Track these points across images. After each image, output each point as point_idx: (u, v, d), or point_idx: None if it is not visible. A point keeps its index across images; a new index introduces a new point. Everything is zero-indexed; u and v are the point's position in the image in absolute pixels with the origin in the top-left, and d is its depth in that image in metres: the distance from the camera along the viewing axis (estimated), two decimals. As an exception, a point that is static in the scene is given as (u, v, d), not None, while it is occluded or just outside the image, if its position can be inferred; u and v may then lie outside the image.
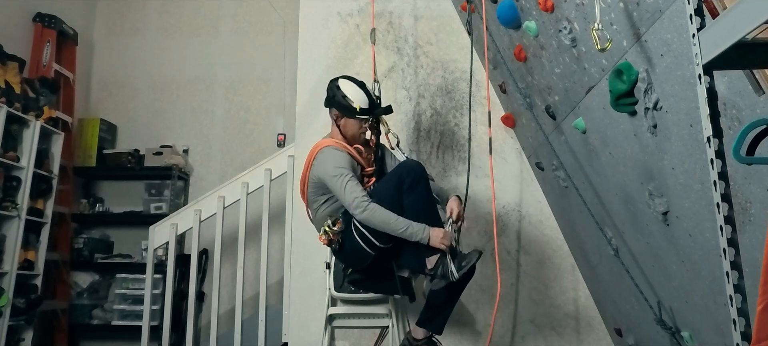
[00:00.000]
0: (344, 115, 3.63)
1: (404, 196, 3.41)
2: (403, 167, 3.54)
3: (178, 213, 5.46)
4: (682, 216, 2.78)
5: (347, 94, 3.62)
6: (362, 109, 3.61)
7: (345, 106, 3.61)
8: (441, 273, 3.37)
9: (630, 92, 2.72)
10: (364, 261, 3.55)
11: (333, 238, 3.54)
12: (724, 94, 2.10)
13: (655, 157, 2.80)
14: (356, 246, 3.48)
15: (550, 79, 3.70)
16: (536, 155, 4.68)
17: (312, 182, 3.61)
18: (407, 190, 3.42)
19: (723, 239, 1.67)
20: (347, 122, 3.64)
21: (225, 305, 5.65)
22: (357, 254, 3.53)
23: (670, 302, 3.28)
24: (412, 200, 3.41)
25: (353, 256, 3.58)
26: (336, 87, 3.66)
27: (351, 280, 3.79)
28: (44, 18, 6.45)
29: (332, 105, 3.68)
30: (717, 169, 1.69)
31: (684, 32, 2.18)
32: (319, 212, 3.63)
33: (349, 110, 3.60)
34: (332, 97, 3.66)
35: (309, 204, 3.73)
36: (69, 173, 6.67)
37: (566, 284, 4.83)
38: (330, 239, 3.55)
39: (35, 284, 5.90)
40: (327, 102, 3.72)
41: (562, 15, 3.15)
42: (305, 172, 3.67)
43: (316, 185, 3.60)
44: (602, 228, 3.78)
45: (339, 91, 3.64)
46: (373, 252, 3.48)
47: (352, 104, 3.59)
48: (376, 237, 3.42)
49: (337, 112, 3.66)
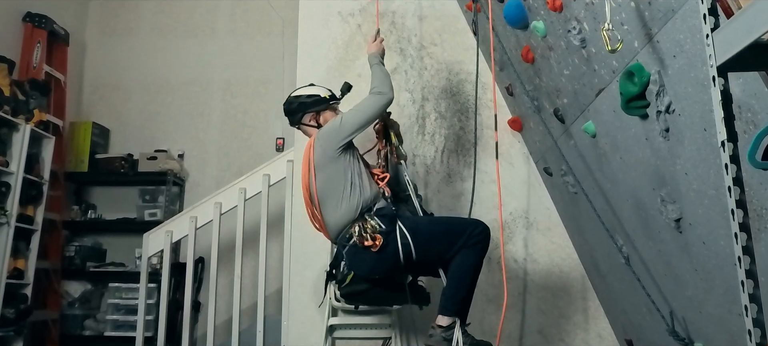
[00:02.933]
0: (321, 110, 3.82)
1: (463, 249, 3.45)
2: (477, 223, 3.57)
3: (173, 220, 5.45)
4: (695, 223, 2.78)
5: (311, 93, 3.85)
6: (332, 94, 3.89)
7: (318, 101, 3.83)
8: (447, 336, 3.39)
9: (641, 95, 2.73)
10: (393, 267, 3.52)
11: (377, 238, 3.45)
12: (739, 96, 2.10)
13: (668, 162, 2.80)
14: (395, 251, 3.45)
15: (559, 81, 3.71)
16: (544, 160, 4.68)
17: (324, 166, 3.57)
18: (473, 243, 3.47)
19: (738, 246, 1.67)
20: (326, 116, 3.81)
21: (222, 316, 5.65)
22: (392, 260, 3.47)
23: (683, 313, 3.28)
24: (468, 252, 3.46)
25: (388, 261, 3.49)
26: (295, 97, 3.87)
27: (348, 292, 3.67)
28: (34, 18, 6.45)
29: (304, 110, 3.83)
30: (731, 175, 1.70)
31: (697, 32, 2.19)
32: (350, 199, 3.52)
33: (322, 101, 3.83)
34: (300, 106, 3.83)
35: (327, 204, 3.59)
36: (60, 178, 6.67)
37: (575, 293, 4.82)
38: (373, 239, 3.45)
39: (25, 294, 5.89)
40: (296, 115, 3.85)
41: (571, 15, 3.16)
42: (307, 168, 3.64)
43: (331, 164, 3.56)
44: (613, 236, 3.78)
45: (301, 96, 3.85)
46: (403, 261, 3.45)
47: (320, 95, 3.83)
48: (415, 243, 3.44)
49: (312, 114, 3.83)
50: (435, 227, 3.63)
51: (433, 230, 3.58)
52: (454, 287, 3.46)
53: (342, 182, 3.53)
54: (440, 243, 3.49)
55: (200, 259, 6.39)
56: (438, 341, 3.38)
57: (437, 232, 3.56)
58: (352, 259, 3.56)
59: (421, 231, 3.52)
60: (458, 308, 3.43)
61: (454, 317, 3.41)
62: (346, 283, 3.61)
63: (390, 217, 3.52)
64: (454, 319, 3.40)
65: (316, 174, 3.58)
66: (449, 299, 3.45)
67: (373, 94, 3.67)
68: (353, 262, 3.56)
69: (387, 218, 3.51)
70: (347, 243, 3.53)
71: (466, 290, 3.46)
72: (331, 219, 3.59)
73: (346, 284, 3.62)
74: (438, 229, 3.60)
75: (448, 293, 3.47)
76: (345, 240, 3.54)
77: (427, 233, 3.53)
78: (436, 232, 3.56)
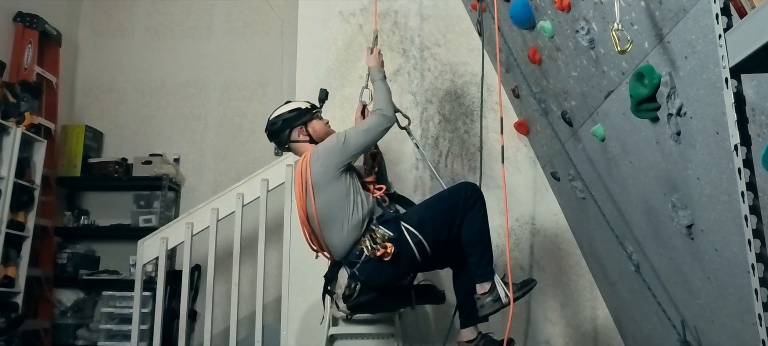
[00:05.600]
0: (307, 122, 3.82)
1: (466, 216, 3.56)
2: (464, 186, 3.73)
3: (169, 226, 5.45)
4: (707, 229, 2.78)
5: (291, 108, 3.86)
6: (312, 105, 3.91)
7: (301, 113, 3.84)
8: (494, 296, 3.47)
9: (652, 97, 2.73)
10: (411, 269, 3.60)
11: (387, 246, 3.45)
12: (753, 99, 2.10)
13: (679, 166, 2.80)
14: (410, 252, 3.48)
15: (567, 83, 3.72)
16: (551, 164, 4.69)
17: (324, 187, 3.54)
18: (471, 208, 3.58)
19: (751, 253, 1.67)
20: (314, 126, 3.82)
21: (219, 325, 5.65)
22: (409, 262, 3.51)
23: (695, 322, 3.28)
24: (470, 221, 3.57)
25: (405, 264, 3.53)
26: (276, 117, 3.87)
27: (356, 304, 3.65)
28: (25, 18, 6.46)
29: (291, 126, 3.82)
30: (745, 179, 1.70)
31: (710, 33, 2.19)
32: (354, 218, 3.52)
33: (306, 112, 3.85)
34: (285, 123, 3.83)
35: (332, 226, 3.56)
36: (52, 183, 6.67)
37: (584, 302, 4.83)
38: (384, 247, 3.45)
39: (16, 303, 5.89)
40: (282, 133, 3.84)
41: (579, 14, 3.17)
42: (303, 188, 3.59)
43: (332, 184, 3.54)
44: (622, 242, 3.78)
45: (282, 114, 3.85)
46: (420, 258, 3.49)
47: (302, 108, 3.85)
48: (424, 236, 3.48)
49: (300, 127, 3.81)
50: (432, 210, 3.67)
51: (433, 213, 3.62)
52: (477, 254, 3.55)
53: (346, 203, 3.52)
54: (445, 221, 3.57)
55: (197, 266, 6.39)
56: (490, 306, 3.45)
57: (437, 212, 3.62)
58: (368, 272, 3.53)
59: (425, 220, 3.55)
60: (489, 269, 3.53)
61: (490, 279, 3.50)
62: (355, 296, 3.61)
63: (393, 221, 3.53)
64: (491, 280, 3.50)
65: (316, 194, 3.54)
66: (477, 265, 3.55)
67: (380, 115, 3.66)
68: (371, 274, 3.54)
69: (391, 223, 3.52)
70: (359, 260, 3.51)
71: (488, 250, 3.57)
72: (337, 240, 3.57)
73: (355, 297, 3.61)
74: (436, 209, 3.65)
75: (473, 262, 3.56)
76: (355, 257, 3.52)
77: (430, 220, 3.57)
78: (436, 213, 3.62)
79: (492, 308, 3.44)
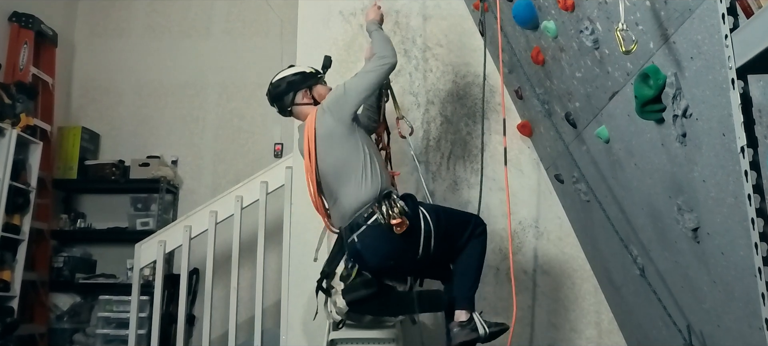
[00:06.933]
0: (312, 85, 3.85)
1: (471, 239, 3.64)
2: (475, 215, 3.79)
3: (167, 229, 5.46)
4: (713, 232, 2.78)
5: (296, 71, 3.89)
6: (317, 70, 3.94)
7: (307, 76, 3.88)
8: (471, 328, 3.52)
9: (657, 98, 2.73)
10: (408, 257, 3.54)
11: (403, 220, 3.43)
12: (760, 100, 2.10)
13: (685, 168, 2.81)
14: (418, 236, 3.49)
15: (571, 84, 3.72)
16: (555, 167, 4.69)
17: (336, 140, 3.58)
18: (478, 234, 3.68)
19: (758, 257, 1.67)
20: (319, 90, 3.85)
21: (217, 330, 5.65)
22: (412, 247, 3.50)
23: (701, 326, 3.28)
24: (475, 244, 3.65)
25: (407, 247, 3.50)
26: (281, 79, 3.88)
27: (352, 299, 3.60)
28: (21, 17, 6.46)
29: (296, 88, 3.84)
30: (751, 182, 1.70)
31: (716, 33, 2.20)
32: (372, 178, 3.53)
33: (311, 76, 3.89)
34: (289, 85, 3.85)
35: (348, 181, 3.55)
36: (48, 185, 6.68)
37: (588, 306, 4.82)
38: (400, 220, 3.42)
39: (11, 307, 5.90)
40: (286, 95, 3.86)
41: (583, 14, 3.17)
42: (313, 145, 3.61)
43: (345, 138, 3.58)
44: (627, 246, 3.79)
45: (287, 76, 3.88)
46: (422, 251, 3.50)
47: (307, 72, 3.89)
48: (436, 229, 3.52)
49: (304, 90, 3.84)
50: (447, 214, 3.75)
51: (448, 217, 3.68)
52: (467, 281, 3.61)
53: (360, 158, 3.55)
54: (457, 230, 3.63)
55: (195, 270, 6.39)
56: (465, 335, 3.49)
57: (453, 220, 3.69)
58: (368, 241, 3.50)
59: (441, 218, 3.60)
60: (472, 300, 3.58)
61: (470, 310, 3.55)
62: (353, 277, 3.58)
63: (412, 201, 3.58)
64: (471, 312, 3.54)
65: (327, 150, 3.57)
66: (464, 292, 3.59)
67: (376, 59, 3.69)
68: (370, 244, 3.50)
69: (409, 202, 3.55)
70: (365, 223, 3.48)
71: (477, 282, 3.64)
72: (352, 197, 3.54)
73: (353, 278, 3.58)
74: (451, 215, 3.74)
75: (462, 287, 3.60)
76: (362, 220, 3.49)
77: (446, 221, 3.62)
78: (450, 218, 3.69)
79: (466, 337, 3.50)
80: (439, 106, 5.06)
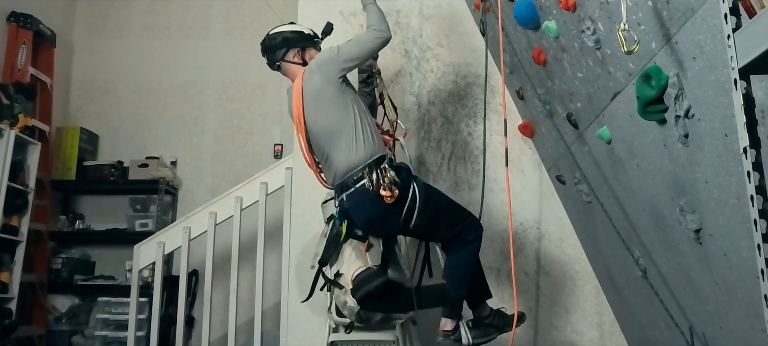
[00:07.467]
0: (306, 47, 3.88)
1: (464, 244, 3.63)
2: (475, 218, 3.76)
3: (166, 231, 5.46)
4: (716, 234, 2.78)
5: (294, 29, 3.91)
6: (315, 33, 3.95)
7: (303, 37, 3.90)
8: (456, 337, 3.56)
9: (659, 99, 2.73)
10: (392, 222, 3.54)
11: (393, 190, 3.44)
12: (762, 100, 2.10)
13: (687, 169, 2.81)
14: (403, 206, 3.48)
15: (572, 85, 3.72)
16: (557, 167, 4.69)
17: (326, 99, 3.59)
18: (470, 241, 3.64)
19: (761, 258, 1.67)
20: (312, 53, 3.87)
21: (216, 332, 5.65)
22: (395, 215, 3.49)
23: (703, 328, 3.28)
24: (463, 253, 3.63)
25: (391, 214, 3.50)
26: (278, 33, 3.91)
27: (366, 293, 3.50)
28: (19, 17, 6.45)
29: (289, 46, 3.86)
30: (754, 183, 1.70)
31: (718, 33, 2.19)
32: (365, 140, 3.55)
33: (307, 38, 3.91)
34: (284, 41, 3.87)
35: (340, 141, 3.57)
36: (46, 186, 6.68)
37: (589, 308, 4.82)
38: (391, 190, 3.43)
39: (9, 309, 5.89)
40: (278, 50, 3.88)
41: (585, 14, 3.17)
42: (301, 103, 3.64)
43: (335, 98, 3.59)
44: (629, 247, 3.78)
45: (284, 32, 3.90)
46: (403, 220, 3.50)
47: (305, 33, 3.90)
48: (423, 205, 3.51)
49: (297, 50, 3.87)
50: (443, 202, 3.73)
51: (441, 204, 3.67)
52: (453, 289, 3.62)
53: (350, 119, 3.56)
54: (442, 220, 3.62)
55: (194, 272, 6.39)
56: (450, 344, 3.53)
57: (444, 208, 3.67)
58: (354, 202, 3.55)
59: (432, 200, 3.59)
60: (459, 310, 3.62)
61: (457, 319, 3.59)
62: (343, 235, 3.61)
63: (407, 171, 3.58)
64: (457, 321, 3.58)
65: (317, 111, 3.60)
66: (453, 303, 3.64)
67: (372, 30, 3.71)
68: (356, 205, 3.55)
69: (404, 171, 3.55)
70: (354, 186, 3.51)
71: (464, 291, 3.63)
72: (343, 159, 3.57)
73: (344, 237, 3.61)
74: (445, 206, 3.70)
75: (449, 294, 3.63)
76: (351, 181, 3.52)
77: (435, 206, 3.61)
78: (443, 207, 3.67)
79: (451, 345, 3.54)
80: (440, 106, 5.06)
